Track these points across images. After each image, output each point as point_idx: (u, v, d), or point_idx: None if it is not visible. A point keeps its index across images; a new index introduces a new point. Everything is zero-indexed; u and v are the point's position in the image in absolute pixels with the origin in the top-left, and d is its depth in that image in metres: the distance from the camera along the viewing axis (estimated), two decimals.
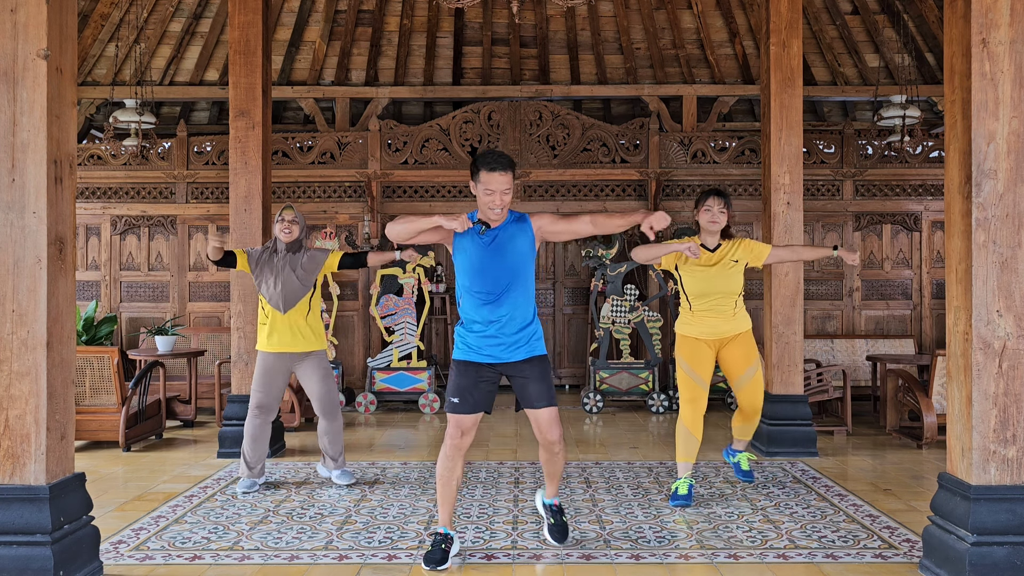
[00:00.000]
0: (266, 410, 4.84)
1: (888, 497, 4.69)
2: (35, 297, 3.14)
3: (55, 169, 3.18)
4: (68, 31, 3.29)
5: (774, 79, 5.87)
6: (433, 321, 9.23)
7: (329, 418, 4.91)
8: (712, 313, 4.58)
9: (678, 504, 4.48)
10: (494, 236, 3.53)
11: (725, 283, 4.56)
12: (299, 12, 8.98)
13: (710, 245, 4.62)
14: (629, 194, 8.63)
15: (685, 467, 4.56)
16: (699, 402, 4.53)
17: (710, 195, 4.60)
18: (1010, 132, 3.22)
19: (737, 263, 4.58)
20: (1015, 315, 3.22)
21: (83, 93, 8.95)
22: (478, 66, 9.44)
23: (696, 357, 4.57)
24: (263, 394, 4.82)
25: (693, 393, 4.54)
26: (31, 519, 3.11)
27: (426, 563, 3.51)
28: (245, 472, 4.85)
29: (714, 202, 4.56)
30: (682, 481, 4.54)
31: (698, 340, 4.60)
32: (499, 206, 3.49)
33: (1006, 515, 3.20)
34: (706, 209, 4.58)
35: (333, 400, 4.91)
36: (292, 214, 4.82)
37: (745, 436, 4.89)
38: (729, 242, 4.64)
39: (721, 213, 4.55)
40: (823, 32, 8.95)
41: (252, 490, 4.81)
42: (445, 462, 3.59)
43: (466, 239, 3.54)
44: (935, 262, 8.72)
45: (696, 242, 4.42)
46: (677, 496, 4.51)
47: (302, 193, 8.73)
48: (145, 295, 8.87)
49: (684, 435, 4.54)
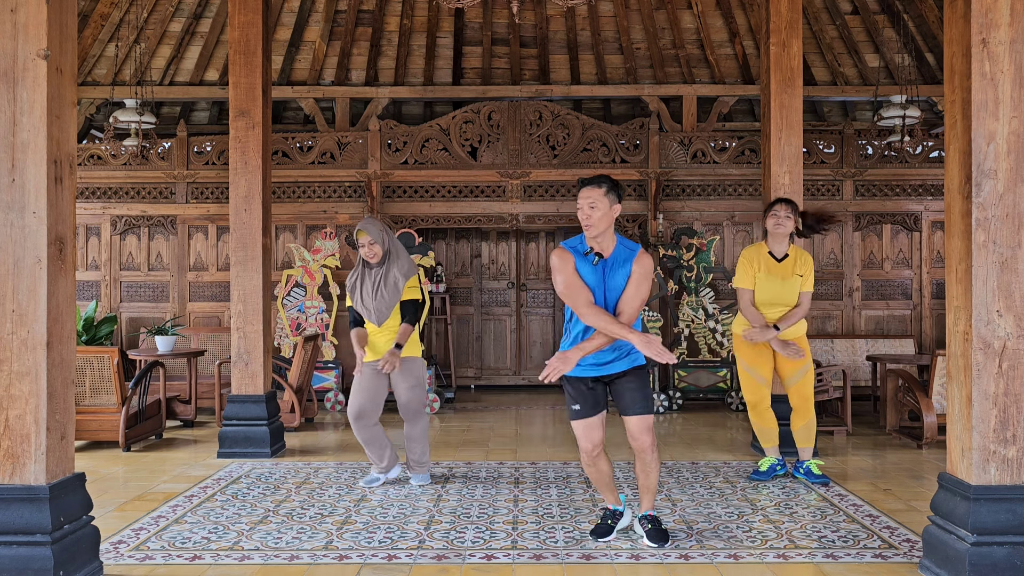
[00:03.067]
0: (363, 415, 4.84)
1: (888, 497, 4.69)
2: (35, 297, 3.14)
3: (55, 169, 3.18)
4: (68, 31, 3.29)
5: (774, 79, 5.87)
6: (433, 321, 9.23)
7: (410, 423, 4.94)
8: (770, 319, 4.94)
9: (756, 479, 5.02)
10: (604, 265, 3.68)
11: (789, 295, 4.92)
12: (299, 12, 8.98)
13: (778, 254, 4.96)
14: (629, 194, 8.63)
15: (769, 450, 5.09)
16: (763, 403, 4.99)
17: (777, 202, 4.98)
18: (1010, 132, 3.22)
19: (801, 277, 4.91)
20: (1015, 315, 3.22)
21: (83, 93, 8.95)
22: (478, 66, 9.44)
23: (757, 358, 4.95)
24: (361, 399, 4.82)
25: (757, 395, 4.99)
26: (31, 519, 3.11)
27: (592, 535, 3.89)
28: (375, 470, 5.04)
29: (781, 208, 4.92)
30: (765, 460, 5.09)
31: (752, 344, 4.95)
32: (585, 218, 3.61)
33: (1006, 515, 3.20)
34: (773, 215, 4.94)
35: (414, 407, 4.92)
36: (367, 236, 4.79)
37: (807, 442, 5.05)
38: (796, 252, 4.96)
39: (787, 218, 4.89)
40: (823, 32, 8.95)
41: (375, 484, 4.97)
42: (587, 469, 3.91)
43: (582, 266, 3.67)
44: (935, 262, 8.72)
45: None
46: (757, 472, 5.08)
47: (302, 193, 8.73)
48: (145, 295, 8.87)
49: (757, 429, 5.09)
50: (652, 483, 3.86)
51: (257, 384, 5.84)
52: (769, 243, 4.96)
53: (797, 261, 4.92)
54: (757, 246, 5.01)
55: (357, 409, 4.82)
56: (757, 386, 4.95)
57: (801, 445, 5.04)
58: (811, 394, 4.98)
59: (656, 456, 3.81)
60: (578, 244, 3.70)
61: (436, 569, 3.52)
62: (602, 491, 3.96)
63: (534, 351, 9.68)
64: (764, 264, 4.90)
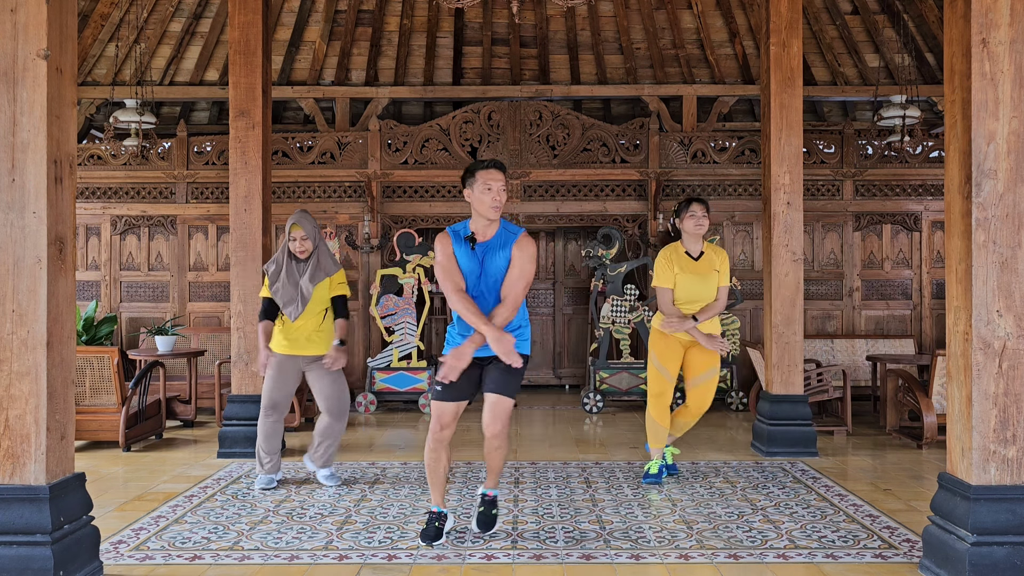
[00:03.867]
0: (278, 409, 4.90)
1: (888, 497, 4.69)
2: (35, 297, 3.14)
3: (55, 169, 3.18)
4: (68, 31, 3.29)
5: (774, 79, 5.87)
6: (433, 321, 9.23)
7: (336, 418, 4.91)
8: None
9: (650, 482, 4.96)
10: (482, 249, 3.72)
11: (707, 290, 4.92)
12: (299, 12, 8.98)
13: (693, 252, 4.97)
14: (629, 194, 8.63)
15: (657, 452, 5.03)
16: (666, 396, 4.95)
17: (693, 201, 4.95)
18: (1010, 132, 3.22)
19: (718, 272, 4.92)
20: (1015, 315, 3.22)
21: (83, 93, 8.95)
22: (478, 66, 9.44)
23: (668, 353, 4.93)
24: (275, 392, 4.87)
25: (661, 387, 4.94)
26: (31, 519, 3.11)
27: (423, 539, 3.81)
28: (261, 469, 4.93)
29: (698, 208, 4.92)
30: (654, 463, 5.02)
31: (671, 337, 4.93)
32: (496, 203, 3.66)
33: (1006, 515, 3.20)
34: (691, 215, 4.92)
35: (344, 401, 4.93)
36: (301, 231, 4.81)
37: (678, 432, 5.13)
38: (710, 248, 4.98)
39: (704, 218, 4.91)
40: (823, 32, 8.94)
41: (270, 487, 4.89)
42: (429, 454, 3.82)
43: (459, 250, 3.73)
44: (935, 262, 8.72)
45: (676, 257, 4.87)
46: (649, 475, 4.99)
47: (302, 193, 8.73)
48: (145, 295, 8.87)
49: (654, 426, 4.97)
50: (497, 464, 3.89)
51: (257, 384, 5.84)
52: (685, 243, 4.96)
53: (714, 257, 4.93)
54: (673, 246, 4.99)
55: (271, 401, 4.84)
56: (663, 380, 4.94)
57: (672, 432, 5.08)
58: (707, 404, 4.97)
59: (506, 444, 3.80)
60: (461, 229, 3.76)
61: (436, 569, 3.52)
62: (433, 486, 3.88)
63: (534, 351, 9.67)
64: (681, 263, 4.90)
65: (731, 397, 8.03)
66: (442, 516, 3.88)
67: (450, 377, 3.61)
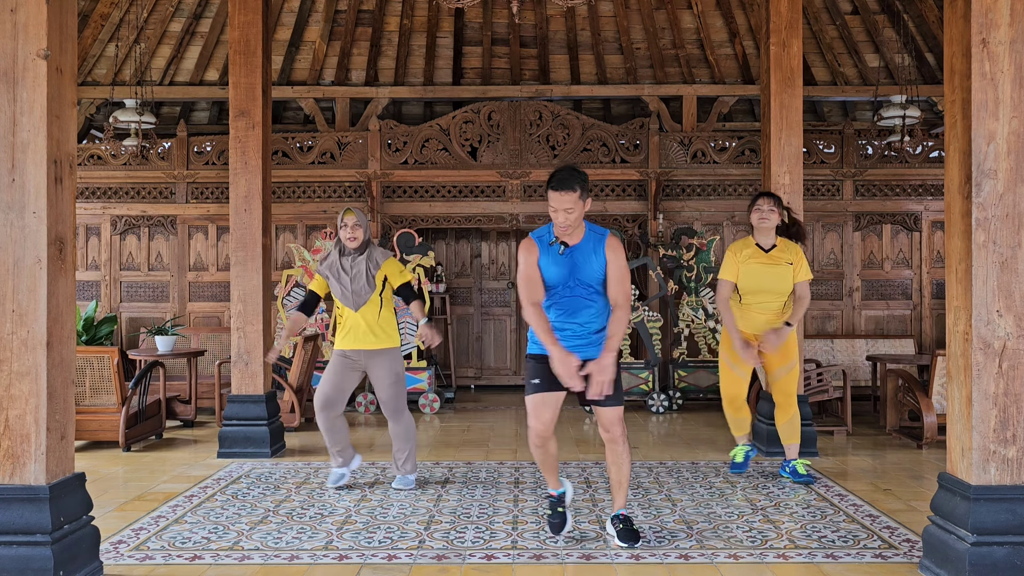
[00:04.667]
0: (330, 405, 4.80)
1: (888, 497, 4.69)
2: (35, 297, 3.14)
3: (55, 169, 3.18)
4: (68, 31, 3.29)
5: (774, 79, 5.87)
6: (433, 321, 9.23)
7: (394, 420, 4.88)
8: (761, 309, 4.95)
9: (736, 472, 5.14)
10: (571, 253, 3.67)
11: (777, 283, 4.89)
12: (299, 12, 8.98)
13: (765, 245, 4.95)
14: (629, 194, 8.63)
15: (741, 438, 5.20)
16: (741, 396, 5.08)
17: (760, 196, 4.97)
18: (1010, 132, 3.22)
19: (791, 266, 4.88)
20: (1015, 315, 3.22)
21: (83, 93, 8.95)
22: (478, 66, 9.44)
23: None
24: (329, 388, 4.79)
25: (735, 389, 5.06)
26: (31, 519, 3.11)
27: (551, 531, 3.91)
28: (334, 464, 4.96)
29: (764, 202, 4.92)
30: (739, 449, 5.18)
31: (744, 333, 4.93)
32: (562, 223, 3.59)
33: (1006, 515, 3.20)
34: (756, 209, 4.93)
35: (395, 403, 4.86)
36: (354, 218, 4.75)
37: (792, 439, 5.06)
38: (784, 243, 4.95)
39: (771, 212, 4.89)
40: (823, 32, 8.95)
41: (341, 482, 4.91)
42: (536, 451, 3.83)
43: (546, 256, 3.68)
44: (935, 262, 8.72)
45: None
46: (735, 464, 5.16)
47: (302, 193, 8.73)
48: (145, 295, 8.87)
49: (730, 420, 5.16)
50: (624, 476, 3.83)
51: (257, 384, 5.84)
52: (756, 236, 4.97)
53: (786, 251, 4.92)
54: (745, 240, 5.01)
55: (324, 398, 4.79)
56: (737, 380, 5.00)
57: (787, 442, 5.07)
58: (794, 391, 5.01)
59: (627, 448, 3.79)
60: (545, 234, 3.72)
61: (436, 569, 3.52)
62: (547, 474, 3.92)
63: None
64: (751, 253, 4.89)
65: None
66: (561, 497, 3.93)
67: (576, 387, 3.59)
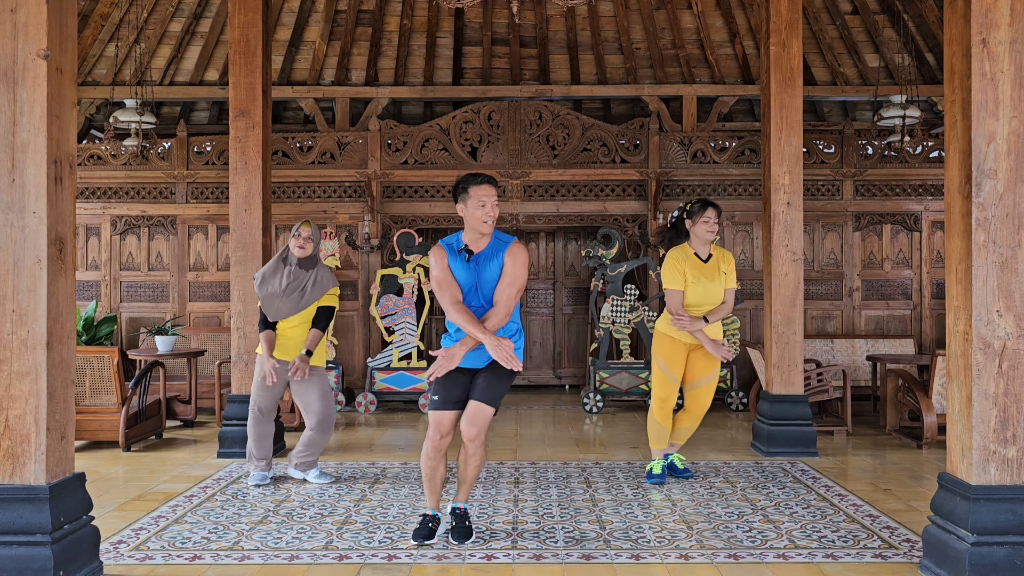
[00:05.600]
0: (266, 412, 5.00)
1: (888, 497, 4.69)
2: (35, 297, 3.14)
3: (55, 169, 3.18)
4: (68, 31, 3.28)
5: (774, 79, 5.87)
6: (433, 321, 9.23)
7: (321, 432, 4.98)
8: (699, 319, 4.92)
9: (654, 483, 4.97)
10: (476, 260, 3.77)
11: (716, 293, 4.91)
12: (299, 12, 8.98)
13: (703, 255, 4.96)
14: (629, 194, 8.63)
15: (658, 452, 5.08)
16: (671, 399, 4.97)
17: (708, 206, 4.92)
18: (1010, 132, 3.22)
19: (726, 275, 4.92)
20: (1015, 315, 3.22)
21: (83, 93, 8.95)
22: (478, 66, 9.44)
23: (674, 356, 4.93)
24: (263, 398, 4.97)
25: (667, 391, 4.96)
26: (31, 519, 3.11)
27: (415, 537, 3.83)
28: (254, 467, 5.01)
29: (712, 213, 4.91)
30: (656, 462, 5.06)
31: (677, 341, 4.92)
32: (490, 215, 3.71)
33: (1006, 515, 3.20)
34: (705, 220, 4.89)
35: (331, 416, 4.99)
36: (309, 230, 4.92)
37: (681, 440, 5.17)
38: (718, 252, 4.99)
39: (716, 223, 4.91)
40: (823, 32, 8.94)
41: (264, 483, 4.96)
42: (427, 461, 3.82)
43: (454, 262, 3.77)
44: (935, 262, 8.72)
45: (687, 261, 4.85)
46: (652, 475, 5.02)
47: (302, 193, 8.73)
48: (145, 295, 8.87)
49: (656, 427, 5.01)
50: (470, 475, 3.89)
51: None
52: (694, 245, 4.94)
53: (720, 260, 4.93)
54: (681, 248, 4.96)
55: (259, 405, 4.93)
56: (668, 383, 4.95)
57: (675, 440, 5.13)
58: (707, 405, 5.02)
59: (481, 451, 3.81)
60: (454, 242, 3.81)
61: (436, 569, 3.52)
62: (429, 492, 3.89)
63: (534, 351, 9.68)
64: (691, 266, 4.88)
65: (731, 397, 8.03)
66: (436, 519, 3.90)
67: (437, 374, 3.67)
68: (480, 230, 3.73)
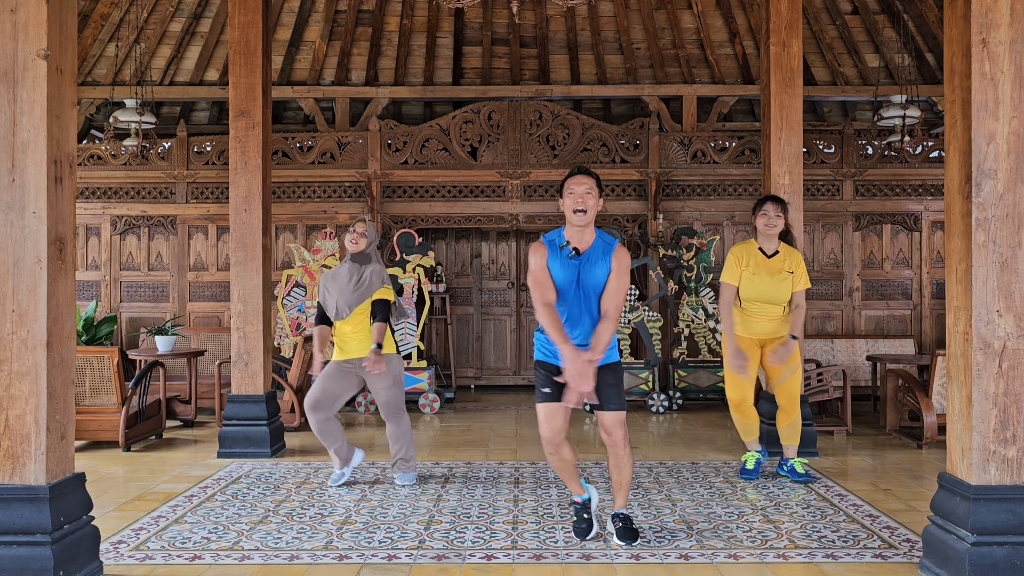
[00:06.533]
0: (318, 407, 4.89)
1: (888, 497, 4.69)
2: (35, 297, 3.14)
3: (55, 169, 3.18)
4: (68, 31, 3.29)
5: (774, 79, 5.87)
6: (433, 321, 9.23)
7: (393, 423, 4.99)
8: (762, 316, 4.93)
9: (745, 478, 5.02)
10: (580, 260, 3.67)
11: (777, 292, 4.88)
12: (299, 12, 8.98)
13: (768, 250, 4.94)
14: (629, 194, 8.63)
15: (751, 444, 5.14)
16: (748, 400, 5.01)
17: (767, 200, 4.93)
18: (1010, 132, 3.22)
19: (791, 275, 4.88)
20: (1015, 315, 3.22)
21: (83, 93, 8.95)
22: (478, 66, 9.44)
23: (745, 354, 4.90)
24: (317, 392, 4.90)
25: (741, 393, 4.98)
26: (31, 519, 3.11)
27: (576, 535, 3.89)
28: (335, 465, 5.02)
29: (771, 207, 4.89)
30: (749, 455, 5.11)
31: (744, 338, 4.94)
32: (580, 206, 3.62)
33: (1006, 515, 3.20)
34: (763, 214, 4.91)
35: (394, 406, 4.98)
36: (364, 227, 5.01)
37: (792, 440, 5.09)
38: (787, 250, 4.93)
39: (777, 217, 4.87)
40: (823, 32, 8.95)
41: (341, 481, 4.96)
42: (551, 459, 3.81)
43: (554, 260, 3.69)
44: (935, 262, 8.72)
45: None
46: (744, 470, 5.07)
47: (302, 193, 8.73)
48: (145, 295, 8.87)
49: (742, 425, 5.10)
50: (625, 479, 3.85)
51: (257, 384, 5.84)
52: (759, 240, 4.96)
53: (787, 258, 4.91)
54: (747, 243, 5.00)
55: (311, 401, 4.89)
56: (742, 384, 4.95)
57: (786, 443, 5.09)
58: (798, 393, 5.00)
59: (629, 451, 3.80)
60: (556, 238, 3.74)
61: (436, 569, 3.52)
62: (567, 481, 3.91)
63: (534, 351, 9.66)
64: (754, 260, 4.88)
65: None
66: (585, 503, 3.92)
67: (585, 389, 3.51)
68: (573, 222, 3.66)
